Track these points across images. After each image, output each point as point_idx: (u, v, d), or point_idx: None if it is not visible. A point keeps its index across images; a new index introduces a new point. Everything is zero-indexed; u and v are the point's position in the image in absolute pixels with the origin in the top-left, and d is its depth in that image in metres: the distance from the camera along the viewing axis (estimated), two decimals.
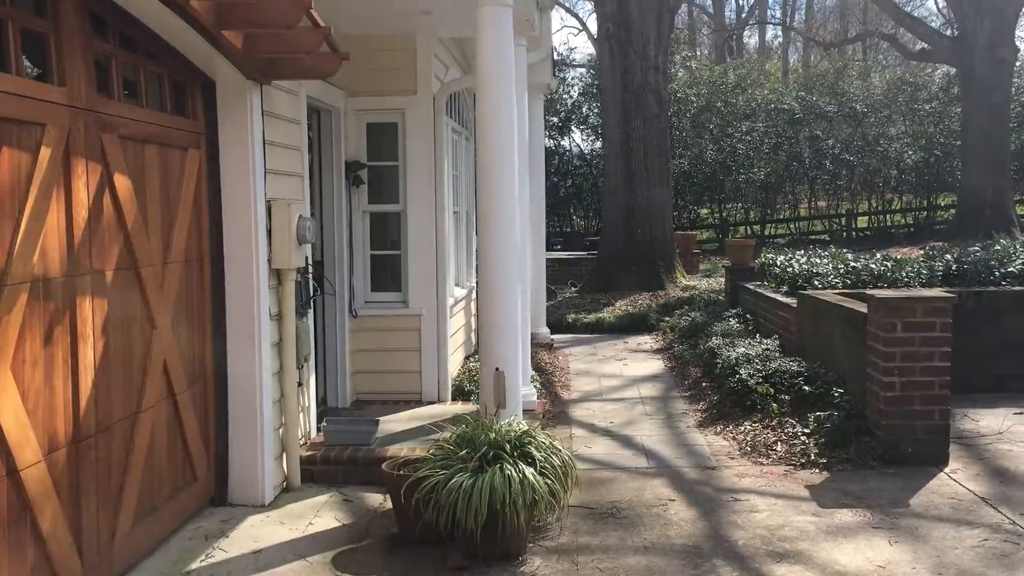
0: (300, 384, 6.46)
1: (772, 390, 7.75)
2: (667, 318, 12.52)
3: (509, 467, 4.80)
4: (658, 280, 15.64)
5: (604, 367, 10.52)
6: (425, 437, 6.81)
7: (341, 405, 7.95)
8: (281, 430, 6.18)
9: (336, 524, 5.56)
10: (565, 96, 30.78)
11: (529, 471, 4.84)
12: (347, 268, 8.01)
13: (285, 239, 6.00)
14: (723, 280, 14.29)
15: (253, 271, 5.73)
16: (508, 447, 4.99)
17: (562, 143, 30.26)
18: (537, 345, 11.01)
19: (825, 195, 29.13)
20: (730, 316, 11.12)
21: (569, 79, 30.93)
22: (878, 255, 10.74)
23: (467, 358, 9.49)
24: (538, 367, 9.86)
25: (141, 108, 4.92)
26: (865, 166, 27.02)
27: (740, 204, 28.82)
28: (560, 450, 5.41)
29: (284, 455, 6.20)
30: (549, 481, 4.94)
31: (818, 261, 10.50)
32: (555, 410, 8.45)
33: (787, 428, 7.21)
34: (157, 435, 5.04)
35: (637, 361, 10.82)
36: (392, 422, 7.40)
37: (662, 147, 16.18)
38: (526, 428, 5.55)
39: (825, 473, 6.41)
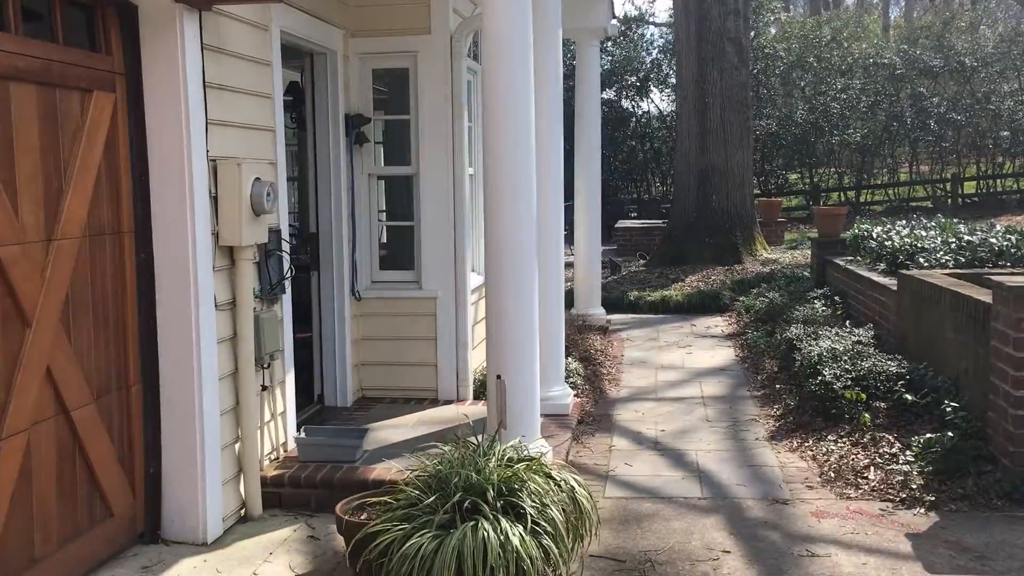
0: (265, 387, 5.24)
1: (864, 396, 6.24)
2: (742, 297, 10.97)
3: (486, 526, 3.47)
4: (734, 252, 14.02)
5: (664, 356, 9.07)
6: (429, 449, 5.54)
7: (341, 404, 6.73)
8: (237, 446, 4.97)
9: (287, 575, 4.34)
10: (644, 54, 29.07)
11: (516, 531, 3.51)
12: (348, 242, 6.75)
13: (235, 208, 4.75)
14: (809, 253, 12.62)
15: (189, 249, 4.50)
16: (491, 493, 3.66)
17: (641, 104, 28.62)
18: (588, 328, 9.64)
19: (928, 158, 26.73)
20: (815, 297, 9.52)
21: (648, 36, 29.16)
22: (998, 226, 9.00)
23: None
24: (585, 356, 8.49)
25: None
26: (974, 126, 24.56)
27: (833, 168, 26.69)
28: (575, 487, 4.08)
29: (241, 477, 5.00)
30: (546, 542, 3.59)
31: (923, 234, 8.84)
32: (596, 412, 7.08)
33: (882, 447, 5.70)
34: (37, 465, 3.86)
35: (703, 349, 9.34)
36: (393, 428, 6.14)
37: (742, 103, 14.46)
38: (532, 459, 4.22)
39: (933, 515, 4.91)
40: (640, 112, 28.62)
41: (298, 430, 5.65)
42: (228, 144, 4.88)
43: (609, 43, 28.55)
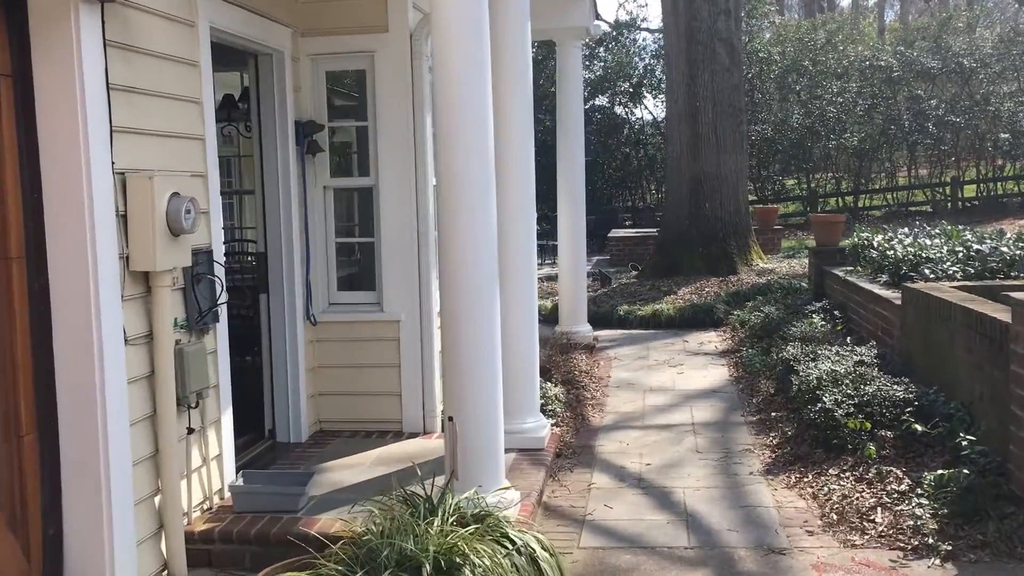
0: (192, 430, 4.63)
1: (868, 425, 5.64)
2: (737, 311, 10.36)
3: None
4: (729, 263, 13.41)
5: (653, 376, 8.47)
6: (385, 494, 4.95)
7: (295, 439, 6.12)
8: (158, 499, 4.37)
9: None
10: (636, 60, 28.56)
11: None
12: (301, 261, 6.15)
13: (147, 228, 4.15)
14: (807, 262, 12.03)
15: (89, 276, 3.90)
16: (427, 569, 3.05)
17: (635, 111, 28.11)
18: (573, 347, 9.04)
19: (927, 162, 26.16)
20: (813, 312, 8.93)
21: (641, 41, 28.71)
22: (1008, 233, 8.42)
23: None
24: (568, 378, 7.89)
25: None
26: (973, 128, 24.00)
27: (830, 173, 26.14)
28: (536, 550, 3.49)
29: (163, 533, 4.39)
30: None
31: (928, 242, 8.25)
32: (577, 443, 6.47)
33: (890, 484, 5.10)
34: None
35: (695, 368, 8.73)
36: (347, 468, 5.54)
37: (734, 106, 13.88)
38: (487, 515, 3.63)
39: (950, 567, 4.30)
40: (634, 119, 28.11)
41: (237, 475, 5.04)
42: (143, 155, 4.29)
43: (601, 49, 28.06)
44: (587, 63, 28.60)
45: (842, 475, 5.37)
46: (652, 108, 28.74)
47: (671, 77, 14.29)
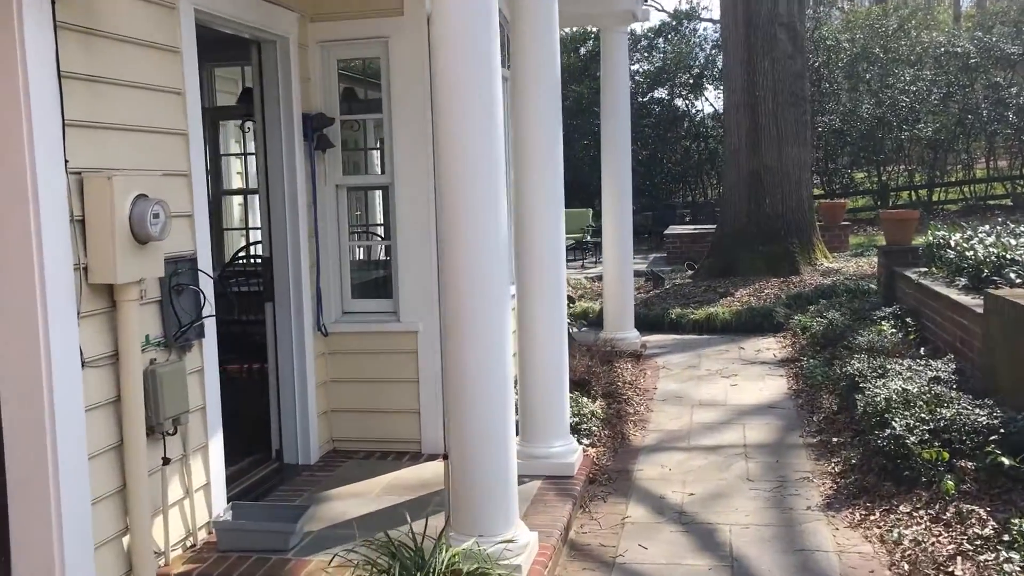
0: (168, 460, 4.14)
1: (946, 455, 4.92)
2: (798, 316, 9.59)
3: None
4: (791, 262, 12.60)
5: (704, 388, 7.79)
6: (391, 531, 4.43)
7: (304, 461, 5.62)
8: (126, 539, 3.88)
9: None
10: (697, 50, 27.72)
11: None
12: (310, 267, 5.65)
13: (106, 234, 3.66)
14: (876, 261, 11.20)
15: (36, 289, 3.42)
16: None
17: (695, 103, 27.26)
18: (618, 355, 8.41)
19: (1007, 153, 24.80)
20: (882, 318, 8.15)
21: (701, 31, 27.89)
22: None
23: None
24: (610, 391, 7.27)
25: None
26: None
27: (903, 166, 24.93)
28: None
29: None
30: None
31: (1013, 242, 7.43)
32: (614, 467, 5.85)
33: (971, 526, 4.38)
34: None
35: (750, 379, 8.03)
36: (353, 497, 5.01)
37: (797, 95, 13.04)
38: (486, 574, 3.05)
39: None
40: (694, 111, 27.27)
41: (227, 507, 4.54)
42: (108, 152, 3.81)
43: (660, 39, 27.29)
44: (645, 54, 27.82)
45: (915, 514, 4.66)
46: (713, 100, 27.84)
47: (728, 65, 13.51)
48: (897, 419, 5.18)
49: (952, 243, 8.05)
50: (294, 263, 5.52)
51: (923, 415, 5.18)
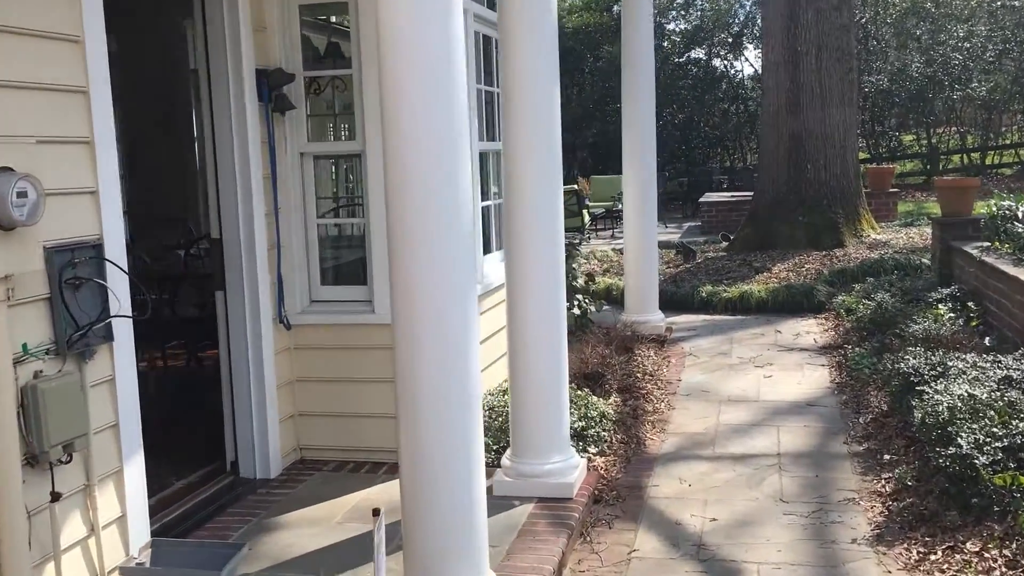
0: (58, 496, 3.38)
1: (1022, 479, 4.03)
2: (842, 295, 8.65)
3: None
4: (834, 233, 11.58)
5: (733, 380, 6.91)
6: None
7: (263, 474, 4.86)
8: None
9: None
10: (737, 6, 26.46)
11: None
12: (269, 248, 4.85)
13: None
14: (929, 232, 10.18)
15: None
16: None
17: (734, 64, 26.06)
18: (639, 340, 7.57)
19: None
20: (939, 300, 7.20)
21: None
22: None
23: (491, 394, 6.06)
24: (627, 384, 6.44)
25: None
26: None
27: (954, 128, 23.58)
28: None
29: None
30: None
31: None
32: (624, 481, 5.02)
33: None
34: None
35: (787, 369, 7.13)
36: (309, 527, 4.25)
37: (843, 50, 11.93)
38: None
39: None
40: (733, 72, 26.08)
41: (143, 548, 3.78)
42: None
43: None
44: (682, 12, 26.59)
45: (986, 554, 3.79)
46: (753, 60, 26.70)
47: (768, 17, 12.42)
48: (963, 434, 4.29)
49: (1021, 214, 7.06)
50: (247, 245, 4.72)
51: (995, 428, 4.28)
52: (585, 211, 16.73)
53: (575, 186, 17.50)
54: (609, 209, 17.58)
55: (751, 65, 25.61)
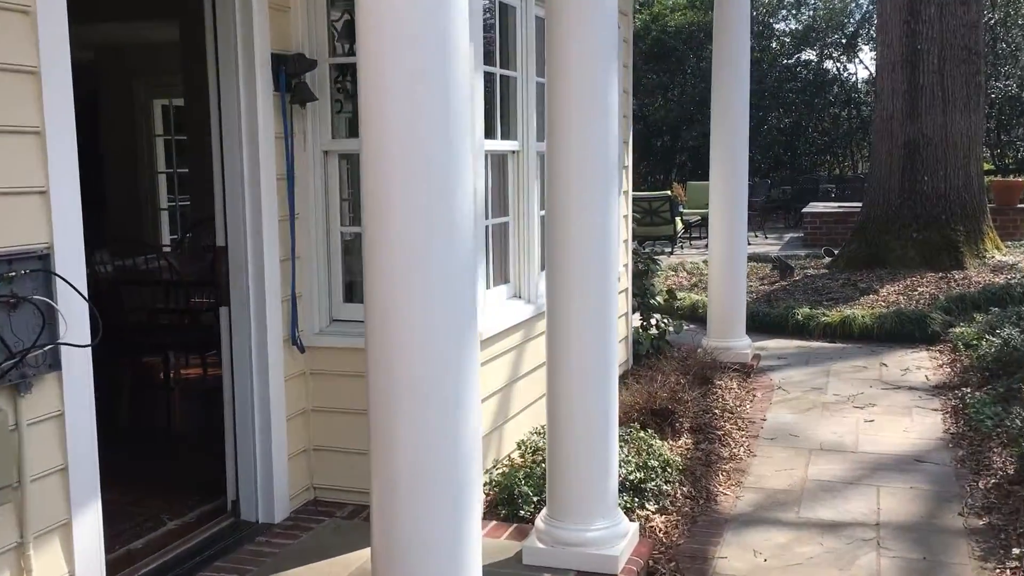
0: None
1: None
2: (961, 326, 7.61)
3: None
4: (953, 253, 10.42)
5: (827, 423, 6.01)
6: None
7: (266, 518, 4.25)
8: None
9: None
10: (852, 5, 25.06)
11: None
12: (280, 261, 4.23)
13: None
14: None
15: None
16: None
17: (848, 66, 24.67)
18: (720, 370, 6.73)
19: None
20: None
21: None
22: None
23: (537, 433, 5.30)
24: (700, 423, 5.64)
25: None
26: None
27: None
28: None
29: None
30: None
31: None
32: (686, 549, 4.21)
33: None
34: None
35: (892, 413, 6.18)
36: None
37: (970, 50, 10.76)
38: None
39: None
40: (846, 75, 24.70)
41: None
42: None
43: None
44: (793, 12, 25.32)
45: None
46: (869, 63, 25.26)
47: (884, 13, 11.31)
48: None
49: None
50: (255, 255, 4.11)
51: None
52: (678, 219, 15.80)
53: (668, 192, 16.61)
54: (705, 217, 16.61)
55: (866, 68, 24.13)
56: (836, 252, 12.02)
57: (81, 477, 3.16)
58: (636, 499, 4.42)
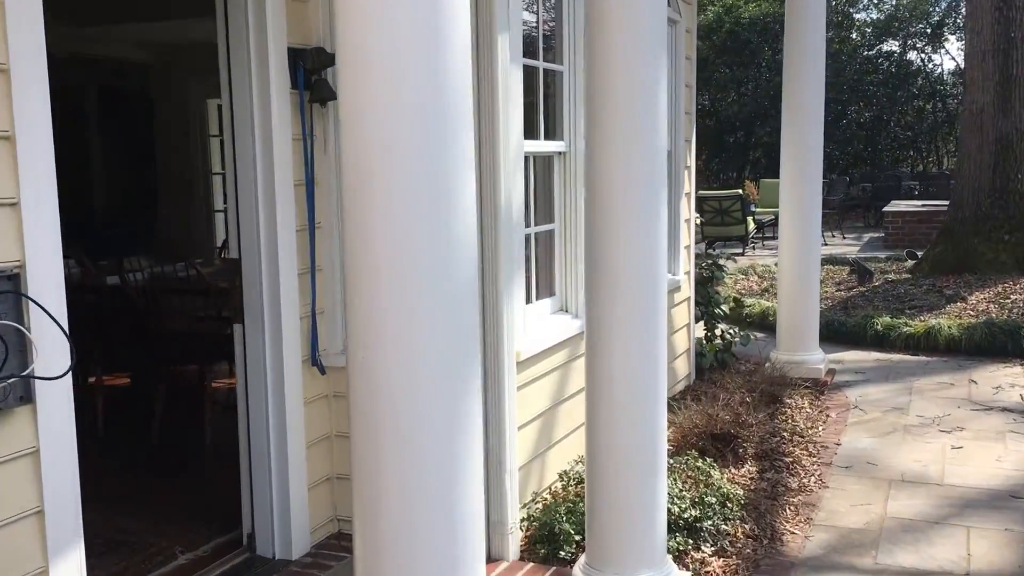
0: None
1: None
2: None
3: None
4: None
5: (909, 449, 5.45)
6: None
7: (283, 554, 3.91)
8: None
9: None
10: None
11: None
12: (299, 274, 3.89)
13: None
14: None
15: None
16: None
17: (933, 57, 23.57)
18: (789, 386, 6.23)
19: None
20: None
21: None
22: None
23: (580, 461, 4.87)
24: (766, 449, 5.17)
25: None
26: None
27: None
28: None
29: None
30: None
31: None
32: None
33: None
34: None
35: (983, 438, 5.59)
36: None
37: None
38: None
39: None
40: (931, 66, 23.61)
41: None
42: None
43: None
44: (874, 1, 24.29)
45: None
46: (955, 54, 24.11)
47: (973, 0, 10.54)
48: None
49: None
50: (270, 268, 3.78)
51: None
52: (750, 218, 15.16)
53: (740, 191, 15.96)
54: (779, 216, 15.94)
55: (952, 58, 23.01)
56: (919, 255, 11.29)
57: (60, 520, 2.85)
58: (690, 540, 3.97)
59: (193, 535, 4.04)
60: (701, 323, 7.13)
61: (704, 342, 7.04)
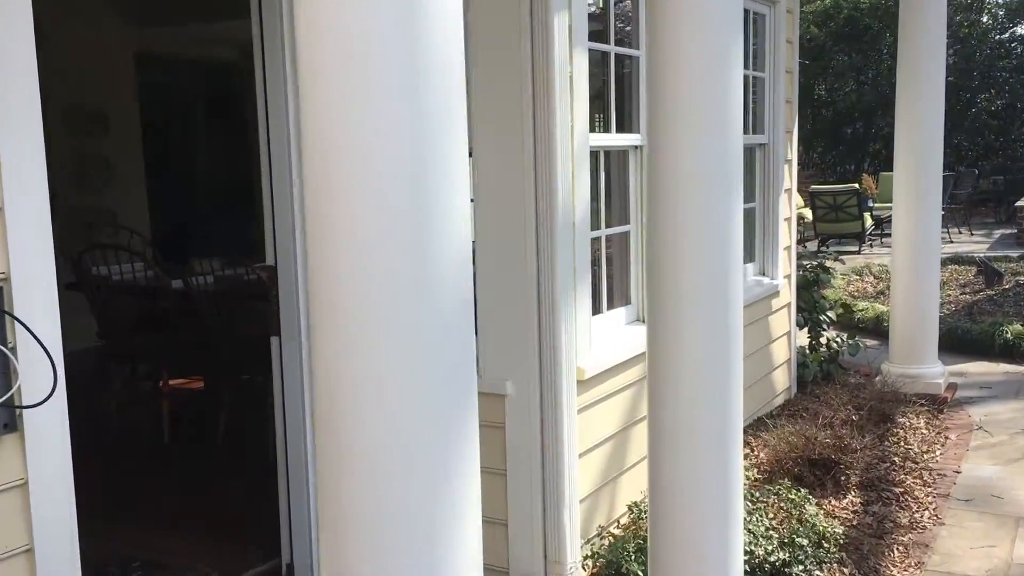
0: None
1: None
2: None
3: None
4: None
5: None
6: None
7: None
8: None
9: None
10: None
11: None
12: None
13: None
14: None
15: None
16: None
17: None
18: (903, 403, 5.62)
19: None
20: None
21: None
22: None
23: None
24: (871, 479, 4.59)
25: None
26: None
27: None
28: None
29: None
30: None
31: None
32: None
33: None
34: None
35: None
36: None
37: None
38: None
39: None
40: None
41: None
42: None
43: None
44: None
45: None
46: None
47: None
48: None
49: None
50: (307, 278, 3.47)
51: None
52: (867, 214, 14.24)
53: (855, 185, 15.04)
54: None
55: None
56: None
57: (52, 557, 2.60)
58: None
59: (234, 559, 3.86)
60: (805, 330, 6.55)
61: (807, 352, 6.45)
